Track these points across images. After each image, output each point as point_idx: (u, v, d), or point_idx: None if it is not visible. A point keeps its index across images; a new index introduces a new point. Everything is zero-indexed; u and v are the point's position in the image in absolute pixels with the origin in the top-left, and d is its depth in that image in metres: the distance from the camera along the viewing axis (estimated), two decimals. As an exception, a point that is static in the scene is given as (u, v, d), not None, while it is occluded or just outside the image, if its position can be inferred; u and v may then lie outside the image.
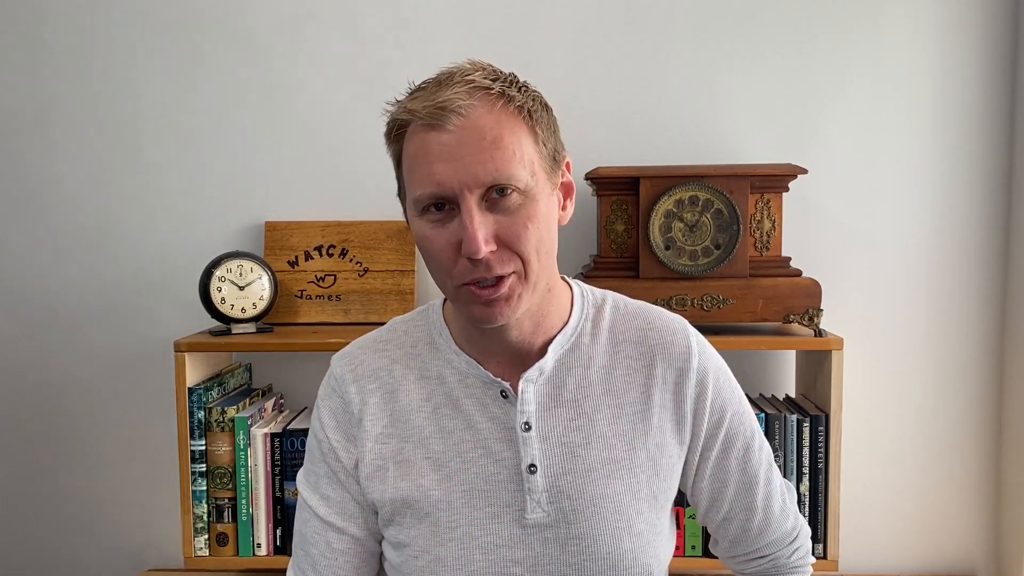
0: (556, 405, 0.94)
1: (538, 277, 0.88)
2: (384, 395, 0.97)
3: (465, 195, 0.83)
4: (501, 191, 0.84)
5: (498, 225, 0.84)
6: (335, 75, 1.69)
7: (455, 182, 0.83)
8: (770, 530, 1.04)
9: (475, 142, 0.83)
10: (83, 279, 1.74)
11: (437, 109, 0.83)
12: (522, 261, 0.86)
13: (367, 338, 1.03)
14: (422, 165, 0.84)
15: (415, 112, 0.85)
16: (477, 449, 0.94)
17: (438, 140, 0.83)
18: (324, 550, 0.97)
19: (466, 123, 0.83)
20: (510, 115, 0.85)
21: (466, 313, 0.90)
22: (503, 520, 0.92)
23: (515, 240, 0.85)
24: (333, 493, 0.98)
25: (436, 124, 0.83)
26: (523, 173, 0.84)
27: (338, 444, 0.97)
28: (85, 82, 1.70)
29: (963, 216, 1.67)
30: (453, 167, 0.83)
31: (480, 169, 0.83)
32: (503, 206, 0.84)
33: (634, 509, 0.93)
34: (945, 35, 1.64)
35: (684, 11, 1.66)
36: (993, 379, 1.70)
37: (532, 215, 0.85)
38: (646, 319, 0.99)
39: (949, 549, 1.73)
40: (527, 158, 0.85)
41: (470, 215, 0.83)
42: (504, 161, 0.83)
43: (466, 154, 0.83)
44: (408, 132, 0.87)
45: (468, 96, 0.84)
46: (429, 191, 0.84)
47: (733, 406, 0.99)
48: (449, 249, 0.85)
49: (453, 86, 0.84)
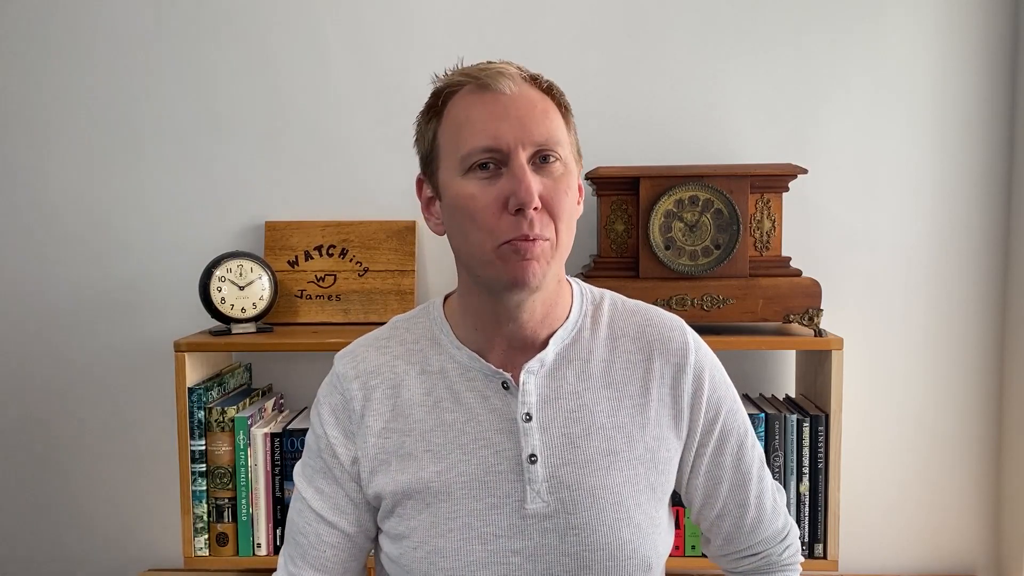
0: (556, 397, 0.96)
1: (564, 251, 0.92)
2: (386, 391, 0.98)
3: (518, 151, 0.87)
4: (545, 159, 0.89)
5: (543, 187, 0.88)
6: (335, 75, 1.69)
7: (511, 137, 0.87)
8: (762, 527, 1.05)
9: (528, 107, 0.89)
10: (83, 279, 1.74)
11: (496, 73, 0.89)
12: (556, 228, 0.89)
13: (369, 337, 1.04)
14: (476, 122, 0.89)
15: (471, 75, 0.90)
16: (478, 440, 0.95)
17: (495, 100, 0.89)
18: (314, 541, 0.99)
19: (520, 91, 0.90)
20: (551, 100, 0.92)
21: (497, 276, 0.90)
22: (503, 510, 0.93)
23: (556, 204, 0.89)
24: (327, 488, 0.99)
25: (493, 86, 0.89)
26: (566, 145, 0.91)
27: (336, 441, 0.99)
28: (85, 82, 1.71)
29: (963, 216, 1.67)
30: (509, 124, 0.88)
31: (535, 129, 0.88)
32: (547, 171, 0.89)
33: (633, 501, 0.94)
34: (945, 35, 1.64)
35: (684, 11, 1.66)
36: (993, 379, 1.70)
37: (570, 187, 0.91)
38: (644, 316, 1.01)
39: (949, 549, 1.73)
40: (565, 137, 0.92)
41: (523, 169, 0.87)
42: (555, 128, 0.90)
43: (522, 114, 0.88)
44: (456, 96, 0.91)
45: (520, 73, 0.91)
46: (485, 144, 0.88)
47: (728, 403, 1.01)
48: (495, 205, 0.88)
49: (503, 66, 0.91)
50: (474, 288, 0.95)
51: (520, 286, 0.89)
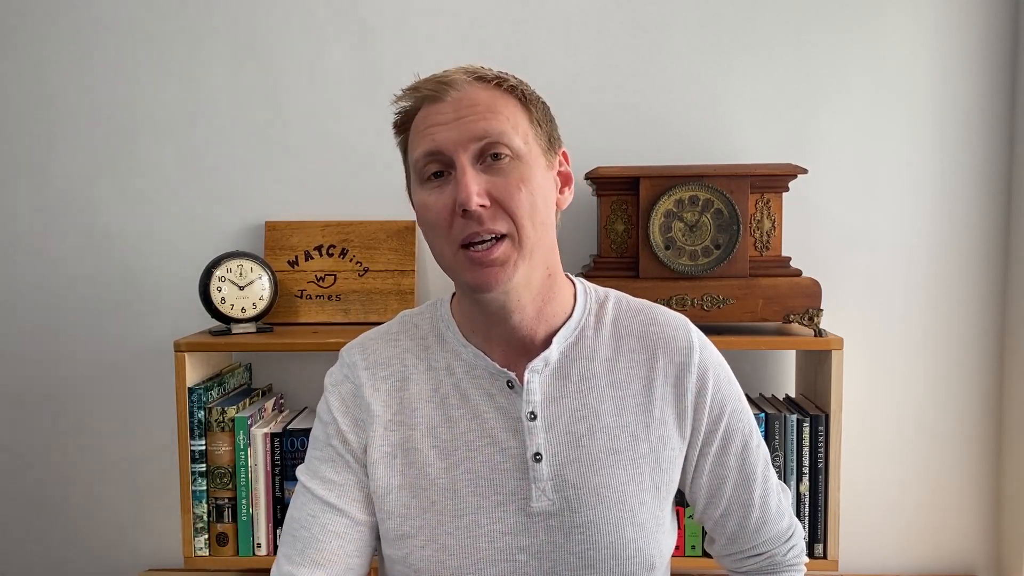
0: (561, 395, 0.96)
1: (534, 246, 0.91)
2: (394, 383, 0.98)
3: (459, 154, 0.88)
4: (495, 156, 0.89)
5: (491, 184, 0.88)
6: (336, 75, 1.69)
7: (450, 142, 0.88)
8: (767, 527, 1.05)
9: (469, 108, 0.89)
10: (83, 279, 1.74)
11: (438, 83, 0.90)
12: (515, 224, 0.89)
13: (377, 330, 1.04)
14: (421, 132, 0.91)
15: (418, 89, 0.92)
16: (483, 438, 0.95)
17: (437, 110, 0.90)
18: (316, 533, 0.95)
19: (463, 95, 0.90)
20: (504, 93, 0.92)
21: (464, 282, 0.92)
22: (508, 508, 0.93)
23: (507, 199, 0.88)
24: (337, 476, 0.97)
25: (436, 96, 0.90)
26: (515, 137, 0.90)
27: (347, 428, 0.98)
28: (85, 82, 1.71)
29: (963, 215, 1.67)
30: (447, 128, 0.89)
31: (473, 127, 0.88)
32: (497, 168, 0.89)
33: (637, 499, 0.94)
34: (945, 35, 1.64)
35: (684, 11, 1.66)
36: (993, 379, 1.70)
37: (526, 178, 0.89)
38: (648, 315, 1.01)
39: (949, 549, 1.73)
40: (520, 128, 0.91)
41: (463, 170, 0.88)
42: (497, 123, 0.89)
43: (462, 115, 0.89)
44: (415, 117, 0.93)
45: (466, 77, 0.91)
46: (426, 149, 0.89)
47: (732, 403, 1.01)
48: (446, 211, 0.89)
49: (454, 72, 0.92)
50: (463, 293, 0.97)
51: (485, 290, 0.90)
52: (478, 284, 0.90)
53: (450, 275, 0.94)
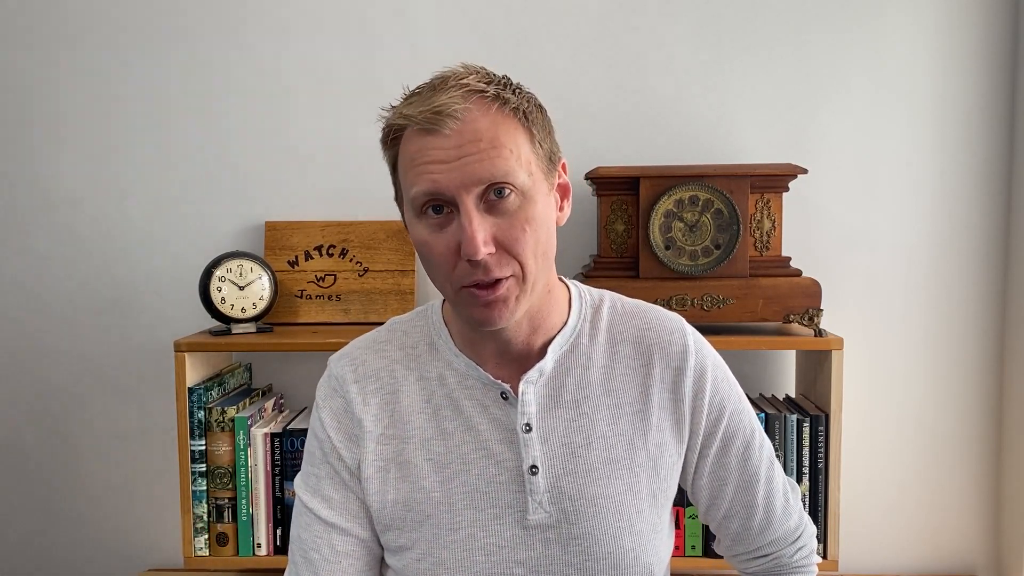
0: (556, 406, 0.94)
1: (536, 279, 0.88)
2: (385, 396, 0.97)
3: (463, 196, 0.83)
4: (499, 192, 0.84)
5: (496, 228, 0.84)
6: (335, 75, 1.69)
7: (452, 184, 0.83)
8: (771, 529, 1.04)
9: (472, 144, 0.83)
10: (83, 279, 1.74)
11: (433, 114, 0.83)
12: (520, 265, 0.86)
13: (366, 339, 1.02)
14: (419, 168, 0.85)
15: (411, 117, 0.85)
16: (478, 451, 0.93)
17: (435, 144, 0.84)
18: (327, 554, 0.95)
19: (463, 127, 0.83)
20: (505, 117, 0.85)
21: (466, 316, 0.90)
22: (505, 521, 0.92)
23: (513, 243, 0.85)
24: (336, 494, 0.97)
25: (432, 129, 0.83)
26: (521, 173, 0.85)
27: (340, 444, 0.97)
28: (84, 81, 1.70)
29: (963, 215, 1.67)
30: (450, 168, 0.83)
31: (478, 168, 0.83)
32: (501, 208, 0.85)
33: (635, 509, 0.93)
34: (945, 35, 1.64)
35: (684, 11, 1.66)
36: (993, 379, 1.70)
37: (530, 217, 0.85)
38: (643, 319, 0.99)
39: (949, 549, 1.73)
40: (524, 158, 0.85)
41: (468, 217, 0.83)
42: (501, 161, 0.83)
43: (463, 155, 0.83)
44: (404, 137, 0.87)
45: (463, 100, 0.84)
46: (426, 189, 0.84)
47: (732, 404, 0.99)
48: (449, 253, 0.86)
49: (448, 90, 0.84)
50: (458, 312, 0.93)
51: (487, 327, 0.88)
52: (482, 321, 0.88)
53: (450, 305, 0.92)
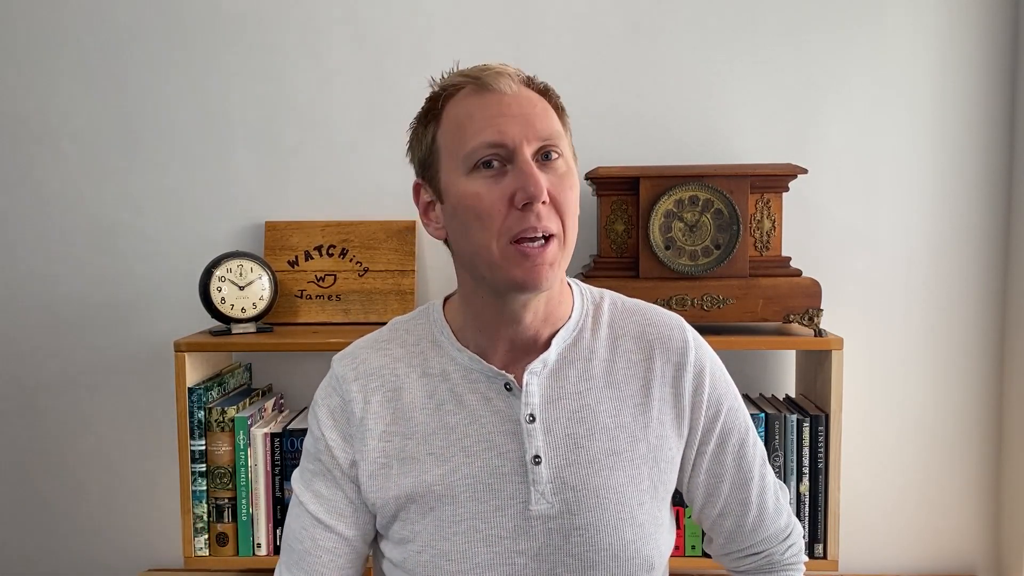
0: (559, 397, 0.96)
1: (571, 248, 0.92)
2: (387, 393, 0.98)
3: (523, 147, 0.88)
4: (548, 156, 0.90)
5: (549, 183, 0.89)
6: (336, 75, 1.69)
7: (516, 133, 0.88)
8: (764, 526, 1.05)
9: (529, 105, 0.90)
10: (83, 279, 1.74)
11: (495, 73, 0.90)
12: (563, 224, 0.90)
13: (368, 338, 1.03)
14: (479, 120, 0.89)
15: (470, 76, 0.91)
16: (481, 443, 0.94)
17: (495, 100, 0.90)
18: (309, 546, 0.98)
19: (520, 91, 0.91)
20: (548, 102, 0.93)
21: (508, 278, 0.89)
22: (507, 512, 0.93)
23: (562, 199, 0.89)
24: (325, 491, 0.99)
25: (493, 86, 0.90)
26: (566, 143, 0.93)
27: (334, 443, 0.98)
28: (85, 82, 1.71)
29: (963, 215, 1.67)
30: (513, 119, 0.89)
31: (538, 124, 0.89)
32: (551, 167, 0.90)
33: (636, 500, 0.94)
34: (945, 35, 1.64)
35: (684, 11, 1.66)
36: (993, 379, 1.70)
37: (573, 184, 0.92)
38: (644, 315, 1.01)
39: (949, 549, 1.73)
40: (565, 135, 0.93)
41: (529, 164, 0.88)
42: (555, 126, 0.91)
43: (525, 111, 0.89)
44: (456, 98, 0.92)
45: (516, 74, 0.92)
46: (490, 139, 0.88)
47: (729, 401, 1.01)
48: (501, 203, 0.88)
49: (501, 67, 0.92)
50: (477, 290, 0.95)
51: (531, 288, 0.90)
52: (526, 280, 0.89)
53: (482, 269, 0.90)
